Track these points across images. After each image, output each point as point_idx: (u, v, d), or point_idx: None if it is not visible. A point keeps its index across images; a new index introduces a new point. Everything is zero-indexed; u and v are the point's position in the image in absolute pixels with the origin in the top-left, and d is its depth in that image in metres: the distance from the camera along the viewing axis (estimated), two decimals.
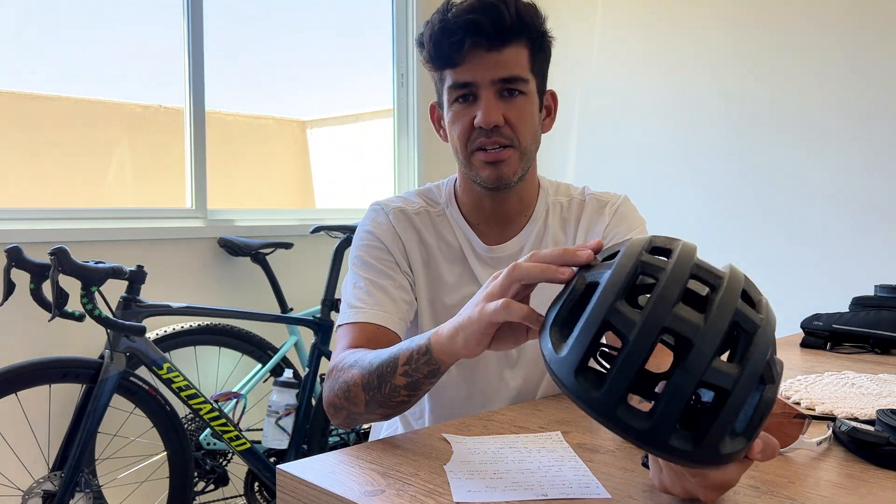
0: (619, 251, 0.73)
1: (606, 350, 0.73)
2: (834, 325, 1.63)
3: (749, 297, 0.70)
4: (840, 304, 1.89)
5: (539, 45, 1.13)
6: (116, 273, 1.94)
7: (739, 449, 0.66)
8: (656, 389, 0.72)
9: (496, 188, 1.15)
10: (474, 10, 1.06)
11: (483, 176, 1.14)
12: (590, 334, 0.66)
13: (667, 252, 0.72)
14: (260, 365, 2.50)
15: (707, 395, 0.69)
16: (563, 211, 1.25)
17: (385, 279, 1.16)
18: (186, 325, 2.35)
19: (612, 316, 0.65)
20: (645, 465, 0.82)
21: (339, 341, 1.12)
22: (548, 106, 1.21)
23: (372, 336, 1.10)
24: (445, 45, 1.08)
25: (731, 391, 0.64)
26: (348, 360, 1.00)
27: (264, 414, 2.42)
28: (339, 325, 1.14)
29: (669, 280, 0.66)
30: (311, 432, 2.49)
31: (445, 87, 1.13)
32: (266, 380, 2.53)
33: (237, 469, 2.45)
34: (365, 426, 2.66)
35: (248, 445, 2.21)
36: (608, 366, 0.68)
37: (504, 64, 1.09)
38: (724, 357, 0.67)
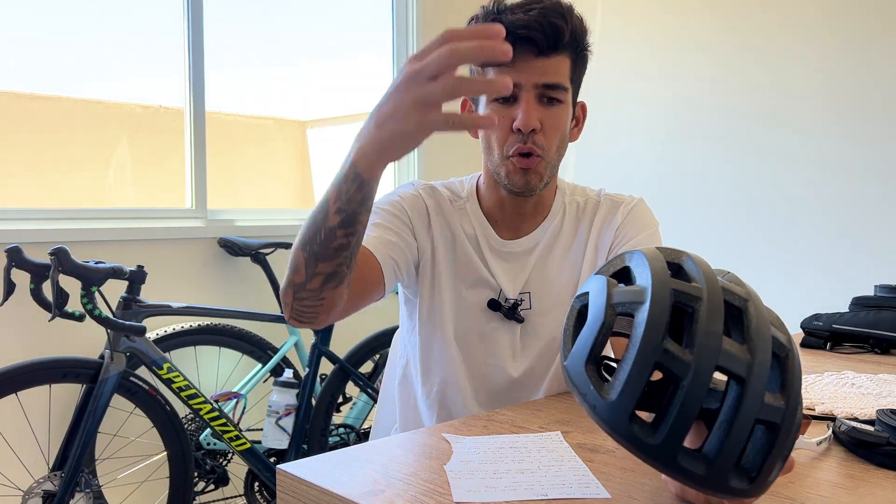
0: (628, 267, 0.71)
1: (611, 363, 0.72)
2: (834, 325, 1.63)
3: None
4: (840, 304, 1.89)
5: (581, 58, 1.17)
6: (116, 273, 1.94)
7: (779, 471, 0.66)
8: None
9: (521, 193, 1.19)
10: (531, 26, 1.09)
11: (513, 180, 1.17)
12: (642, 380, 0.63)
13: (676, 268, 0.70)
14: (260, 365, 2.50)
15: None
16: (578, 211, 1.28)
17: (388, 222, 1.20)
18: (186, 325, 2.35)
19: (664, 357, 0.63)
20: None
21: None
22: (577, 116, 1.24)
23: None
24: None
25: (780, 426, 0.63)
26: None
27: (264, 414, 2.42)
28: None
29: (709, 312, 0.63)
30: (311, 432, 2.49)
31: None
32: (266, 380, 2.53)
33: (237, 469, 2.45)
34: (365, 426, 2.66)
35: (248, 445, 2.21)
36: (609, 378, 0.67)
37: (549, 70, 1.12)
38: None
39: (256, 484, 2.44)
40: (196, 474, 2.30)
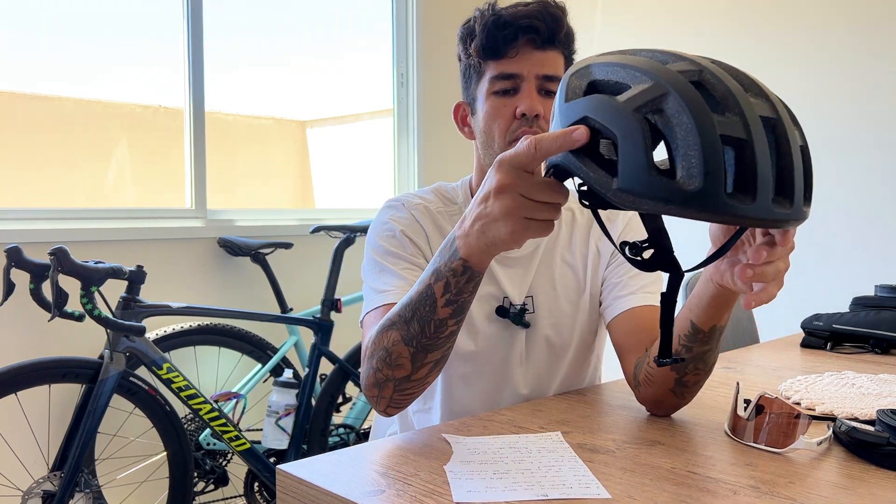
0: (594, 82, 0.73)
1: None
2: (834, 325, 1.63)
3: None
4: (840, 304, 1.89)
5: (571, 60, 1.21)
6: (116, 273, 1.94)
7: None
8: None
9: None
10: (533, 15, 1.14)
11: None
12: (719, 158, 0.66)
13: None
14: (260, 365, 2.50)
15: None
16: (574, 218, 1.29)
17: (409, 265, 1.17)
18: (186, 325, 2.35)
19: (724, 128, 0.66)
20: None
21: (367, 328, 1.10)
22: None
23: None
24: (499, 37, 1.14)
25: (806, 145, 0.71)
26: (375, 333, 0.97)
27: (264, 414, 2.42)
28: (367, 312, 1.13)
29: (714, 74, 0.70)
30: (311, 432, 2.49)
31: (486, 78, 1.18)
32: (266, 380, 2.53)
33: (237, 469, 2.45)
34: (365, 426, 2.66)
35: (248, 445, 2.21)
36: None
37: (548, 63, 1.16)
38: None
39: (256, 484, 2.44)
40: (196, 474, 2.30)
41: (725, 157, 0.67)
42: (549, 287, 1.24)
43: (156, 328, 2.33)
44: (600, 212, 1.21)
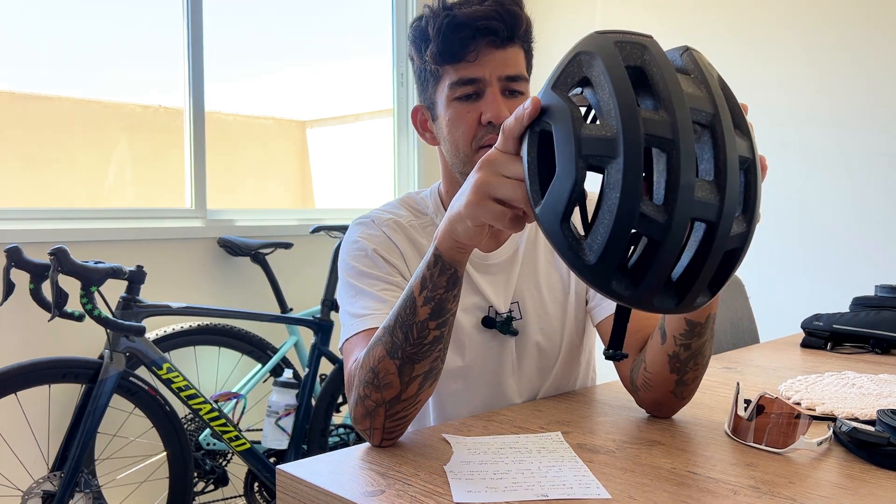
0: (587, 78, 0.69)
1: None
2: (834, 326, 1.63)
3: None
4: (840, 304, 1.89)
5: (530, 52, 1.16)
6: (116, 273, 1.93)
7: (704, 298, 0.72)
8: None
9: None
10: (491, 16, 1.07)
11: None
12: (620, 246, 0.65)
13: (639, 74, 0.68)
14: (260, 365, 2.50)
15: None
16: None
17: (386, 285, 1.12)
18: (186, 325, 2.35)
19: (641, 223, 0.64)
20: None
21: (348, 356, 1.04)
22: None
23: None
24: (456, 40, 1.07)
25: (741, 247, 0.69)
26: (362, 357, 0.94)
27: (264, 414, 2.42)
28: (347, 339, 1.07)
29: (685, 159, 0.64)
30: (311, 432, 2.49)
31: (445, 84, 1.11)
32: (266, 380, 2.53)
33: (237, 469, 2.45)
34: None
35: (248, 446, 2.21)
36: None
37: (510, 62, 1.10)
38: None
39: (256, 484, 2.44)
40: (196, 474, 2.30)
41: (638, 242, 0.68)
42: (535, 290, 1.20)
43: (156, 328, 2.33)
44: None
